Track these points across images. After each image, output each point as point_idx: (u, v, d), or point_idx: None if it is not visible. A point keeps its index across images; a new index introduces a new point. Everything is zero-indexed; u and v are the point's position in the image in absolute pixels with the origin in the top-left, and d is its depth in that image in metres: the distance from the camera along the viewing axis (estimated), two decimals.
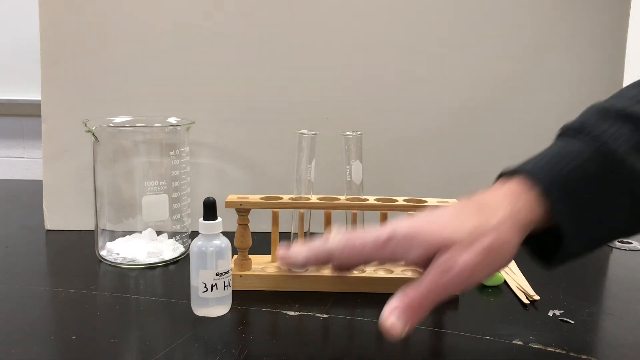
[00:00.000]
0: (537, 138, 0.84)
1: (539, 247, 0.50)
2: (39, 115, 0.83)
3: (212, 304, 0.56)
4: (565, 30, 0.82)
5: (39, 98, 0.82)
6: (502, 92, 0.83)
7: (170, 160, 0.72)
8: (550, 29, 0.82)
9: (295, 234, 0.66)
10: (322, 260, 0.49)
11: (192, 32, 0.82)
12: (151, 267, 0.70)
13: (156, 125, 0.75)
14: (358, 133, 0.64)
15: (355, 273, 0.64)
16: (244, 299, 0.60)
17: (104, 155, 0.71)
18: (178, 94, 0.83)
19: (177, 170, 0.73)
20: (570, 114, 0.83)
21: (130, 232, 0.74)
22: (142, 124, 0.75)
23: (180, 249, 0.74)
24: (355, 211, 0.64)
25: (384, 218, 0.66)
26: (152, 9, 0.81)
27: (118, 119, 0.74)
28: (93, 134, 0.69)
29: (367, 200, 0.65)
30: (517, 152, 0.84)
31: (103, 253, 0.72)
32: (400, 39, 0.82)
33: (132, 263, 0.70)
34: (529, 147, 0.84)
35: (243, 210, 0.63)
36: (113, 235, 0.74)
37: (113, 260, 0.71)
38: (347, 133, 0.64)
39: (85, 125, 0.68)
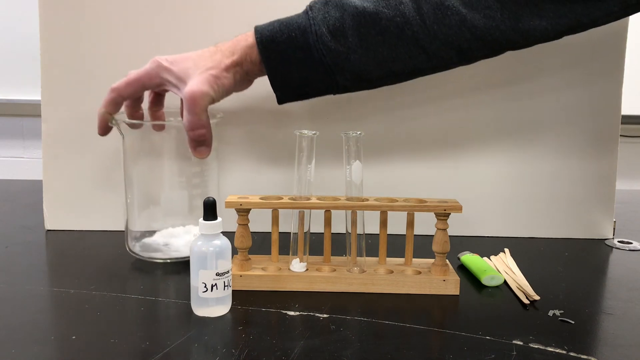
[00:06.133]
0: (537, 140, 0.85)
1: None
2: (39, 115, 0.83)
3: (212, 304, 0.56)
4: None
5: (39, 98, 0.82)
6: (502, 94, 0.83)
7: (190, 155, 0.70)
8: None
9: (295, 234, 0.66)
10: (114, 101, 0.66)
11: (193, 32, 0.82)
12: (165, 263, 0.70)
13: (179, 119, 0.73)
14: (358, 133, 0.64)
15: (356, 272, 0.64)
16: (244, 299, 0.60)
17: (130, 150, 0.71)
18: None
19: (199, 167, 0.72)
20: (570, 116, 0.83)
21: (151, 230, 0.74)
22: (172, 119, 0.74)
23: None
24: (355, 211, 0.64)
25: (384, 218, 0.66)
26: (153, 8, 0.81)
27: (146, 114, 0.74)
28: (120, 131, 0.69)
29: (367, 200, 0.65)
30: (517, 152, 0.85)
31: (136, 249, 0.72)
32: None
33: (178, 256, 0.71)
34: (528, 148, 0.84)
35: (243, 210, 0.63)
36: (138, 232, 0.74)
37: (154, 256, 0.71)
38: (347, 133, 0.64)
39: (114, 119, 0.68)
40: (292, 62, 0.64)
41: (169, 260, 0.71)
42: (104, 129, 0.68)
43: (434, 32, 0.63)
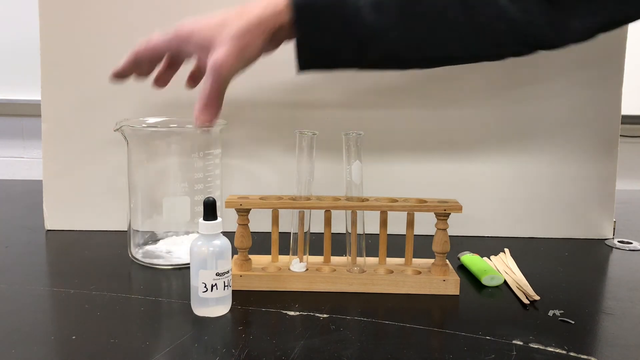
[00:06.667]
0: (537, 140, 0.85)
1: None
2: (39, 115, 0.83)
3: (212, 304, 0.56)
4: None
5: (39, 98, 0.83)
6: (502, 95, 0.83)
7: (194, 162, 0.71)
8: None
9: (295, 234, 0.66)
10: (134, 63, 0.65)
11: None
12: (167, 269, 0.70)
13: (188, 126, 0.73)
14: (358, 133, 0.64)
15: (356, 272, 0.64)
16: (244, 299, 0.60)
17: (134, 156, 0.71)
18: (176, 94, 0.83)
19: (201, 173, 0.72)
20: (570, 116, 0.83)
21: (154, 233, 0.74)
22: (175, 125, 0.74)
23: None
24: (355, 211, 0.64)
25: (384, 218, 0.66)
26: (154, 8, 0.81)
27: (151, 120, 0.74)
28: (124, 135, 0.69)
29: (367, 200, 0.65)
30: (517, 152, 0.85)
31: (139, 255, 0.72)
32: None
33: (180, 263, 0.71)
34: (528, 148, 0.84)
35: (243, 210, 0.63)
36: (142, 236, 0.74)
37: (156, 263, 0.71)
38: (347, 133, 0.64)
39: (118, 126, 0.68)
40: (324, 31, 0.61)
41: (170, 267, 0.70)
42: (118, 76, 0.67)
43: (473, 22, 0.60)
